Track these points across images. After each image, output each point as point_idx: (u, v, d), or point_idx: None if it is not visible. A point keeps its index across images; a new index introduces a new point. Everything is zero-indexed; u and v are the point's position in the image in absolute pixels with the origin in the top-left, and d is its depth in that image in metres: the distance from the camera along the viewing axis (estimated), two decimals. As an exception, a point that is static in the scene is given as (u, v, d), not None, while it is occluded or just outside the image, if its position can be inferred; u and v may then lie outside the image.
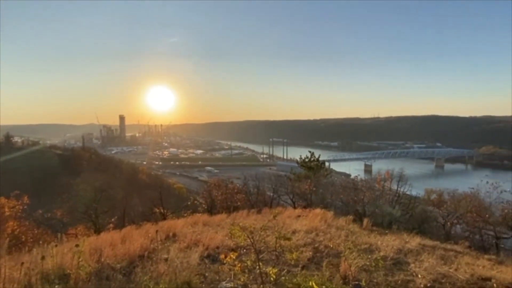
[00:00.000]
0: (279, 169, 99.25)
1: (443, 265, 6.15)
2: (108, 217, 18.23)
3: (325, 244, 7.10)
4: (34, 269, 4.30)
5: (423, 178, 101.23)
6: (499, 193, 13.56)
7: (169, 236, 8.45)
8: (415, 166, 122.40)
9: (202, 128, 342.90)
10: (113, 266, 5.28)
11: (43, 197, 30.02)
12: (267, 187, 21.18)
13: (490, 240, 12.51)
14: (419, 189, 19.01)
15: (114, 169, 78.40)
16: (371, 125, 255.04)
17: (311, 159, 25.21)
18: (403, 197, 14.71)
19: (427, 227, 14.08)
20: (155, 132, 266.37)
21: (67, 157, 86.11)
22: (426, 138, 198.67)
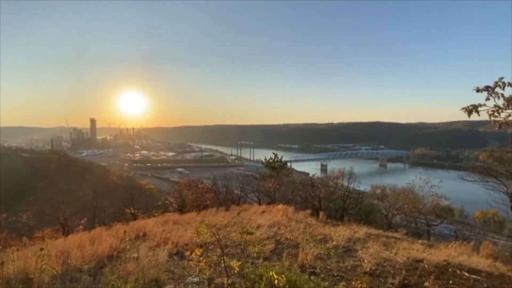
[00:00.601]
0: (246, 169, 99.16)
1: (385, 250, 6.53)
2: (77, 219, 16.90)
3: (285, 237, 7.20)
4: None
5: (369, 175, 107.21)
6: (430, 187, 14.66)
7: (139, 235, 8.05)
8: (362, 165, 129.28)
9: (173, 131, 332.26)
10: (80, 267, 4.89)
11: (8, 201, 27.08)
12: (235, 186, 21.03)
13: (423, 227, 13.39)
14: (366, 185, 20.12)
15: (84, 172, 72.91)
16: (326, 129, 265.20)
17: (275, 160, 25.55)
18: (353, 192, 15.37)
19: (373, 218, 14.88)
20: (126, 135, 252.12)
21: (34, 160, 78.57)
22: (371, 141, 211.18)
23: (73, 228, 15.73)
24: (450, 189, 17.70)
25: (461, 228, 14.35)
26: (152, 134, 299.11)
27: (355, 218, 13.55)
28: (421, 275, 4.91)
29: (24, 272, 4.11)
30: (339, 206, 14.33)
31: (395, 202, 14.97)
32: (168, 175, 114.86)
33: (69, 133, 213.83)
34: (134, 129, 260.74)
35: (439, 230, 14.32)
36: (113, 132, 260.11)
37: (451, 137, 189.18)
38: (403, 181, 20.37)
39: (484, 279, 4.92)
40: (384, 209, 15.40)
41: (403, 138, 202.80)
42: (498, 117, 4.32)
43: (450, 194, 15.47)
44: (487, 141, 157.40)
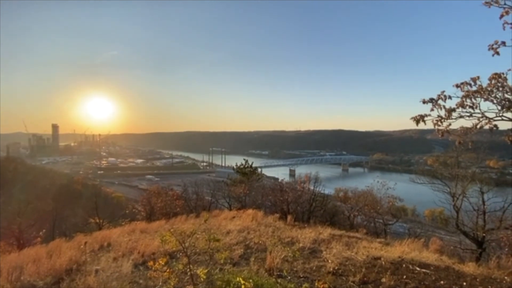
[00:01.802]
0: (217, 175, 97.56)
1: (347, 250, 6.75)
2: (35, 231, 15.30)
3: (254, 241, 7.14)
4: None
5: (333, 179, 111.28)
6: (386, 190, 15.49)
7: (104, 246, 7.50)
8: (327, 170, 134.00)
9: (143, 138, 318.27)
10: (34, 283, 4.41)
11: (-49, 214, 23.71)
12: (206, 192, 20.56)
13: (380, 226, 14.09)
14: (330, 189, 20.77)
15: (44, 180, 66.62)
16: (294, 136, 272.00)
17: (246, 166, 25.43)
18: (318, 196, 15.74)
19: (337, 219, 15.33)
20: (92, 142, 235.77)
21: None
22: (335, 147, 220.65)
23: (29, 241, 14.19)
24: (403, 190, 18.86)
25: (413, 226, 15.32)
26: (120, 140, 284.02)
27: (321, 220, 13.87)
28: (379, 271, 5.13)
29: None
30: (306, 209, 14.59)
31: (357, 204, 15.56)
32: (136, 183, 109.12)
33: (28, 139, 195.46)
34: (101, 135, 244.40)
35: (394, 229, 15.13)
36: (77, 138, 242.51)
37: (404, 143, 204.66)
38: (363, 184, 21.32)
39: (432, 272, 5.27)
40: (347, 211, 15.94)
41: (362, 144, 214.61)
42: (441, 126, 4.73)
43: (403, 195, 16.44)
44: (434, 147, 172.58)
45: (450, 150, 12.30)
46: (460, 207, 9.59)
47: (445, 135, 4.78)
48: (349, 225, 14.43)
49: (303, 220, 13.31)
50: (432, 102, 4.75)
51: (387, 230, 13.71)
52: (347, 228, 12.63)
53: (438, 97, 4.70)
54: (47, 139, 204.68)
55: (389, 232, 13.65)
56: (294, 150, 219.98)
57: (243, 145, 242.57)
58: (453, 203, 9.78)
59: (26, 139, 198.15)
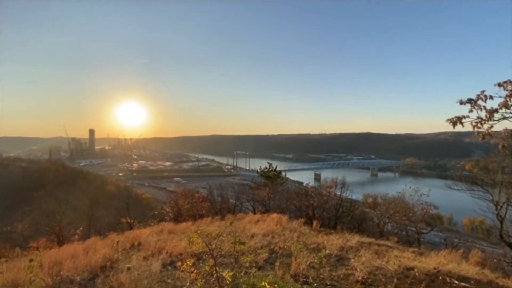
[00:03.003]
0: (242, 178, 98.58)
1: (377, 258, 6.45)
2: (73, 229, 16.46)
3: (279, 246, 7.07)
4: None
5: (361, 184, 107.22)
6: (419, 196, 14.66)
7: (134, 245, 7.84)
8: (354, 174, 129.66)
9: (171, 141, 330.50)
10: (72, 278, 4.71)
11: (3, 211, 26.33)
12: (231, 195, 20.78)
13: (413, 235, 13.34)
14: (358, 194, 20.06)
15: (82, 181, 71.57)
16: (319, 140, 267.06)
17: (270, 169, 25.39)
18: (345, 201, 15.28)
19: (365, 226, 14.76)
20: (124, 145, 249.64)
21: (31, 169, 77.08)
22: (363, 151, 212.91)
23: (68, 238, 15.30)
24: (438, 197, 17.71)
25: (450, 235, 14.34)
26: (150, 144, 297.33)
27: (348, 226, 13.42)
28: (412, 283, 4.84)
29: (14, 283, 3.94)
30: (332, 215, 14.20)
31: (387, 211, 14.90)
32: (165, 185, 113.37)
33: (68, 143, 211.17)
34: (132, 139, 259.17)
35: (429, 238, 14.25)
36: (111, 142, 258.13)
37: (439, 147, 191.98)
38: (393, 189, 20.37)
39: (473, 286, 4.87)
40: (376, 218, 15.31)
41: (392, 148, 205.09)
42: (481, 128, 4.38)
43: (438, 202, 15.46)
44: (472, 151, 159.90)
45: (491, 154, 11.36)
46: (504, 216, 8.81)
47: (486, 138, 4.42)
48: (378, 232, 13.83)
49: (330, 226, 12.96)
50: (470, 102, 4.42)
51: (421, 239, 12.96)
52: (376, 235, 12.09)
53: (478, 97, 4.37)
54: (85, 142, 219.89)
55: (423, 242, 12.89)
56: (319, 153, 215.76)
57: (266, 149, 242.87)
58: (496, 212, 9.02)
59: (66, 143, 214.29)
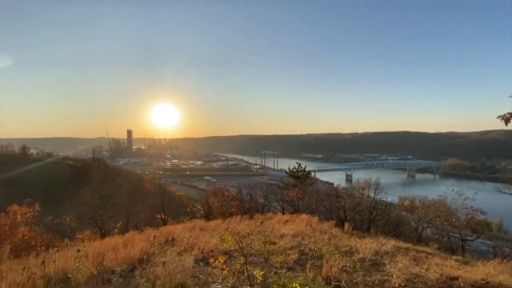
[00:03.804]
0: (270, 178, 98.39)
1: (416, 265, 6.06)
2: (113, 223, 17.69)
3: (309, 247, 6.95)
4: (37, 273, 4.07)
5: (397, 186, 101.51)
6: (463, 200, 13.55)
7: (168, 240, 8.20)
8: (389, 175, 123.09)
9: (201, 141, 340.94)
10: (113, 269, 5.05)
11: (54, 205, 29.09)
12: (259, 194, 20.89)
13: (457, 242, 12.38)
14: (393, 196, 19.00)
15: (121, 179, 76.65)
16: (350, 139, 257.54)
17: (299, 170, 25.08)
18: (379, 204, 14.61)
19: (401, 230, 13.98)
20: (159, 145, 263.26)
21: (77, 167, 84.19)
22: (399, 151, 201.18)
23: (109, 231, 16.50)
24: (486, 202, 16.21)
25: (500, 244, 13.02)
26: (182, 144, 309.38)
27: (382, 230, 12.81)
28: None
29: (64, 271, 4.32)
30: (365, 218, 13.65)
31: (426, 215, 13.97)
32: (196, 183, 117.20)
33: (109, 143, 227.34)
34: (166, 139, 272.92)
35: (475, 246, 13.07)
36: (147, 142, 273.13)
37: (486, 147, 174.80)
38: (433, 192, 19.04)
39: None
40: (414, 222, 14.42)
41: (432, 148, 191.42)
42: (541, 126, 3.91)
43: (486, 207, 14.13)
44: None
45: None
46: None
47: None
48: (416, 238, 13.02)
49: (362, 229, 12.46)
50: (528, 97, 3.97)
51: (465, 247, 11.94)
52: (414, 241, 11.39)
53: (537, 91, 3.90)
54: (123, 142, 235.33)
55: (468, 249, 11.85)
56: (351, 153, 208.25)
57: (295, 148, 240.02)
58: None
59: (107, 143, 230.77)
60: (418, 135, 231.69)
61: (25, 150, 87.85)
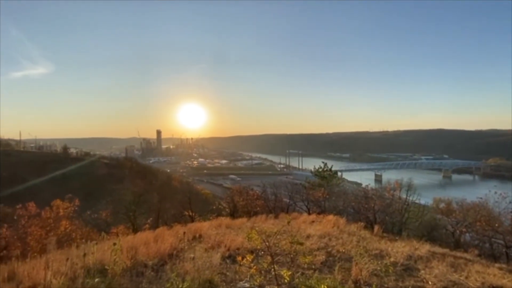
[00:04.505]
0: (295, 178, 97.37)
1: (454, 272, 5.67)
2: (144, 218, 18.61)
3: (337, 249, 6.77)
4: (78, 264, 4.39)
5: (431, 187, 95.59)
6: (508, 203, 12.43)
7: (196, 237, 8.42)
8: (423, 176, 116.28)
9: (226, 141, 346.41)
10: (145, 263, 5.30)
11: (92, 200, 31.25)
12: (284, 194, 20.78)
13: (500, 249, 11.38)
14: (427, 198, 17.93)
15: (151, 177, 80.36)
16: (380, 138, 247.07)
17: (325, 169, 24.61)
18: (412, 206, 13.86)
19: (436, 234, 13.14)
20: (186, 144, 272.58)
21: (112, 166, 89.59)
22: (433, 150, 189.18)
23: (140, 226, 17.38)
24: (536, 206, 14.67)
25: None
26: (208, 143, 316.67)
27: (415, 233, 12.13)
28: (501, 306, 4.10)
29: (101, 263, 4.62)
30: (396, 220, 13.02)
31: (464, 219, 13.00)
32: (221, 181, 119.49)
33: (140, 143, 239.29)
34: (192, 139, 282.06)
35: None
36: (175, 141, 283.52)
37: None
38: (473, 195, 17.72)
39: None
40: (451, 226, 13.49)
41: (471, 146, 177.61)
42: None
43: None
44: None
45: None
46: None
47: None
48: (453, 243, 12.17)
49: (393, 232, 11.90)
50: None
51: (510, 254, 10.92)
52: (451, 246, 10.67)
53: None
54: (153, 142, 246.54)
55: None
56: (380, 153, 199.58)
57: (321, 148, 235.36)
58: None
59: (138, 142, 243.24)
60: (455, 133, 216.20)
61: (66, 150, 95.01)
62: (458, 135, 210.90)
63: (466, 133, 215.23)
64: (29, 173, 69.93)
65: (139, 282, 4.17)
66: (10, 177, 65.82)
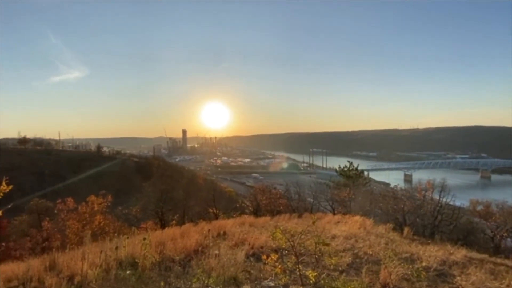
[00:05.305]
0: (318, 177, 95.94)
1: (493, 280, 5.26)
2: (171, 215, 19.34)
3: (364, 251, 6.56)
4: (111, 256, 4.65)
5: (467, 189, 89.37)
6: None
7: (220, 234, 8.57)
8: (458, 176, 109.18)
9: (249, 139, 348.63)
10: (173, 258, 5.48)
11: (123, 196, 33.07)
12: (308, 193, 20.60)
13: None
14: (463, 200, 16.83)
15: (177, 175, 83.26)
16: (409, 136, 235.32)
17: (350, 168, 24.04)
18: (445, 207, 13.07)
19: (473, 239, 12.30)
20: (210, 143, 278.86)
21: (141, 164, 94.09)
22: (469, 148, 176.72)
23: (168, 222, 18.07)
24: None
25: None
26: (231, 142, 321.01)
27: (449, 237, 11.43)
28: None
29: (132, 256, 4.85)
30: (428, 222, 12.34)
31: (505, 223, 12.04)
32: (244, 180, 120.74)
33: (166, 142, 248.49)
34: (216, 138, 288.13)
35: None
36: (199, 140, 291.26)
37: None
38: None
39: None
40: (490, 230, 12.56)
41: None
42: None
43: None
44: None
45: None
46: None
47: None
48: (493, 248, 11.35)
49: (425, 235, 11.29)
50: None
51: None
52: (490, 252, 9.91)
53: None
54: (179, 141, 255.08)
55: None
56: (410, 151, 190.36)
57: (345, 146, 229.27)
58: None
59: (165, 142, 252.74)
60: (494, 130, 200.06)
61: (99, 149, 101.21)
62: (498, 132, 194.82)
63: (508, 130, 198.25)
64: (67, 171, 75.45)
65: (167, 276, 4.33)
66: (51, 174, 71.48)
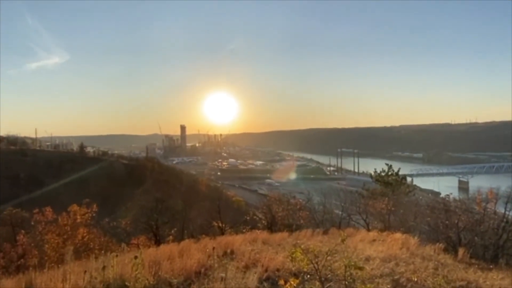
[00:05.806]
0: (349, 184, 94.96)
1: None
2: (167, 229, 19.70)
3: (407, 277, 6.45)
4: (97, 278, 4.77)
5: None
6: None
7: (227, 253, 8.65)
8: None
9: (261, 137, 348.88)
10: (170, 281, 5.58)
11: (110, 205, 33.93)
12: (335, 204, 20.51)
13: None
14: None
15: (175, 180, 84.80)
16: (465, 132, 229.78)
17: (389, 173, 23.88)
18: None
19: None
20: (214, 142, 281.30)
21: (132, 167, 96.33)
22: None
23: (163, 238, 18.44)
24: None
25: None
26: (239, 140, 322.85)
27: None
28: None
29: (121, 278, 4.97)
30: (490, 242, 12.03)
31: None
32: (256, 187, 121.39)
33: (162, 140, 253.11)
34: (221, 135, 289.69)
35: None
36: (201, 138, 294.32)
37: None
38: None
39: None
40: None
41: None
42: None
43: None
44: None
45: None
46: None
47: None
48: None
49: (485, 258, 11.02)
50: None
51: None
52: None
53: None
54: (177, 139, 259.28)
55: None
56: (466, 152, 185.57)
57: (382, 145, 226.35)
58: None
59: (160, 140, 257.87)
60: None
61: (82, 149, 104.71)
62: None
63: None
64: (45, 174, 78.40)
65: (163, 303, 4.40)
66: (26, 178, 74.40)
